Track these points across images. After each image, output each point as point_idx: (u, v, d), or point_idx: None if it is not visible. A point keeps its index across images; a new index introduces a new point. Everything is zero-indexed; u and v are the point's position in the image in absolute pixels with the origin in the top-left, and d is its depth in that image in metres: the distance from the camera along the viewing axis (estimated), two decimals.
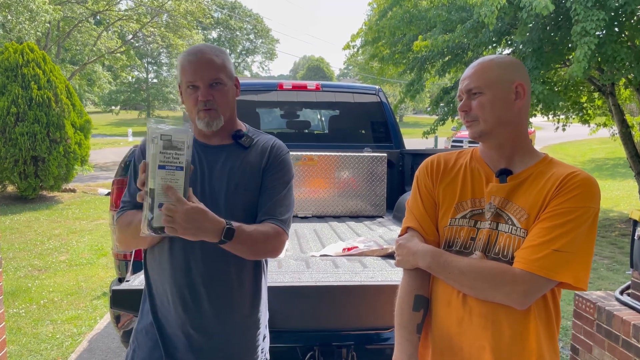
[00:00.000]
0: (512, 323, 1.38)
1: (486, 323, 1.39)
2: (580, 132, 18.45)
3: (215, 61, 1.67)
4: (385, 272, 2.46)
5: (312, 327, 2.38)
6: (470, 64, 1.50)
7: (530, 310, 1.37)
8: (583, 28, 5.79)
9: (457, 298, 1.43)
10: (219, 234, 1.50)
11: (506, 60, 1.48)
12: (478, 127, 1.44)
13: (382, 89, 5.06)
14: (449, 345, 1.46)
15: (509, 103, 1.43)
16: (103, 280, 5.65)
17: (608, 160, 18.94)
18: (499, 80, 1.43)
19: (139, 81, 38.01)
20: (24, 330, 4.28)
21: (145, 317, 1.77)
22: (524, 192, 1.42)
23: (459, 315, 1.43)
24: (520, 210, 1.40)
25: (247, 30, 52.14)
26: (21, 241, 7.30)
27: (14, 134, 9.40)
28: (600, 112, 10.15)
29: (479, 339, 1.40)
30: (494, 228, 1.43)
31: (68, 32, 20.17)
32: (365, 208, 4.17)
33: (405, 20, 8.92)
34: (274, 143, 1.81)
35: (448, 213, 1.52)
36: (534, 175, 1.43)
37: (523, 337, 1.38)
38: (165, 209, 1.38)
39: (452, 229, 1.50)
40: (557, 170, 1.41)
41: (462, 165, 1.55)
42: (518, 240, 1.38)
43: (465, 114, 1.46)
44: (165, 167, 1.37)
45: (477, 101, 1.43)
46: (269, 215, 1.71)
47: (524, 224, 1.38)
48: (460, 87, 1.48)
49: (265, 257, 1.79)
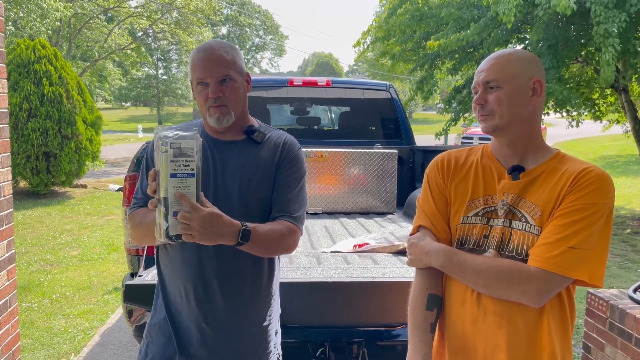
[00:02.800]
0: (527, 321, 1.37)
1: (501, 322, 1.38)
2: (591, 129, 18.29)
3: (225, 57, 1.67)
4: (397, 269, 2.46)
5: (323, 323, 2.38)
6: (488, 57, 1.48)
7: (544, 308, 1.36)
8: (606, 30, 5.71)
9: (471, 297, 1.42)
10: (235, 236, 1.50)
11: (525, 55, 1.46)
12: (493, 121, 1.42)
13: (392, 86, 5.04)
14: (462, 345, 1.45)
15: (526, 99, 1.41)
16: (114, 275, 5.69)
17: (620, 157, 18.75)
18: (518, 75, 1.41)
19: (149, 77, 38.14)
20: (37, 324, 4.32)
21: (159, 312, 1.79)
22: (537, 189, 1.40)
23: (473, 315, 1.42)
24: (533, 207, 1.39)
25: (256, 27, 52.15)
26: (33, 236, 7.37)
27: (26, 130, 9.48)
28: (613, 108, 10.04)
29: (494, 338, 1.39)
30: (507, 226, 1.42)
31: (79, 29, 20.28)
32: (376, 205, 4.16)
33: (415, 18, 8.86)
34: (286, 139, 1.81)
35: (460, 211, 1.50)
36: (547, 171, 1.42)
37: (538, 335, 1.37)
38: (181, 217, 1.38)
39: (465, 226, 1.48)
40: (570, 166, 1.39)
41: (474, 162, 1.53)
42: (532, 238, 1.37)
43: (481, 107, 1.44)
44: (177, 175, 1.37)
45: (495, 95, 1.41)
46: (283, 212, 1.71)
47: (538, 221, 1.37)
48: (477, 79, 1.46)
49: (280, 254, 1.80)
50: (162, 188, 1.37)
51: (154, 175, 1.42)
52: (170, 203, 1.37)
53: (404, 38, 9.56)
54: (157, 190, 1.39)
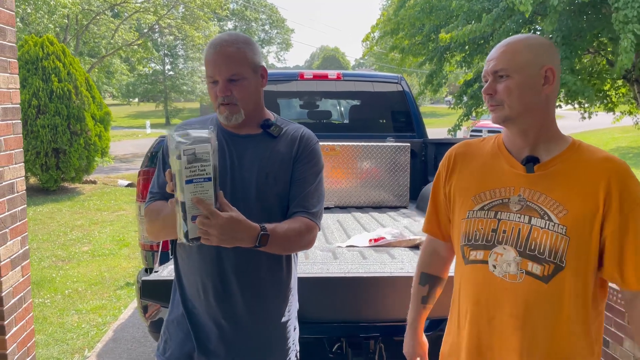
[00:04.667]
0: (547, 324, 1.33)
1: (517, 323, 1.34)
2: (602, 121, 18.12)
3: (236, 55, 1.62)
4: (415, 263, 2.41)
5: (339, 318, 2.36)
6: (498, 44, 1.42)
7: (567, 314, 1.32)
8: (625, 15, 5.62)
9: (487, 296, 1.38)
10: (254, 240, 1.49)
11: (536, 41, 1.39)
12: (502, 112, 1.38)
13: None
14: (477, 344, 1.41)
15: (537, 88, 1.35)
16: (126, 271, 5.70)
17: (631, 148, 18.56)
18: (528, 63, 1.35)
19: (156, 73, 38.19)
20: (50, 320, 4.33)
21: (177, 308, 1.77)
22: (559, 185, 1.34)
23: (489, 314, 1.38)
24: (557, 205, 1.33)
25: (262, 21, 52.03)
26: (44, 232, 7.40)
27: (36, 127, 9.50)
28: (625, 99, 9.93)
29: (510, 340, 1.35)
30: (525, 222, 1.35)
31: (86, 25, 20.28)
32: (388, 198, 4.12)
33: (425, 10, 8.79)
34: (303, 132, 1.78)
35: (465, 205, 1.46)
36: (567, 165, 1.36)
37: (556, 339, 1.33)
38: (200, 223, 1.36)
39: (471, 221, 1.43)
40: (590, 160, 1.35)
41: (484, 154, 1.49)
42: (556, 237, 1.31)
43: (490, 97, 1.39)
44: (193, 181, 1.34)
45: (504, 85, 1.36)
46: (301, 208, 1.68)
47: (563, 219, 1.31)
48: (486, 68, 1.41)
49: (299, 251, 1.79)
50: (179, 192, 1.35)
51: (170, 176, 1.39)
52: (188, 208, 1.35)
53: (413, 31, 9.49)
54: (175, 192, 1.37)
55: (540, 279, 1.32)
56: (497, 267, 1.37)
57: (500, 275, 1.36)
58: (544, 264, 1.32)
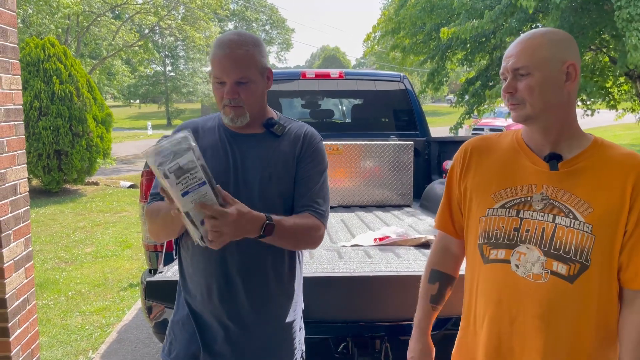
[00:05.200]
0: (571, 325, 1.30)
1: (541, 324, 1.31)
2: (603, 119, 18.08)
3: (244, 58, 1.60)
4: (421, 262, 2.41)
5: (345, 318, 2.35)
6: (517, 39, 1.37)
7: (592, 314, 1.29)
8: (629, 13, 5.59)
9: (509, 296, 1.35)
10: (259, 229, 1.48)
11: (558, 36, 1.35)
12: (524, 110, 1.33)
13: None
14: (497, 345, 1.38)
15: (559, 85, 1.31)
16: (129, 272, 5.69)
17: (633, 146, 18.52)
18: (550, 60, 1.30)
19: (157, 74, 38.19)
20: (54, 322, 4.33)
21: (182, 309, 1.75)
22: (585, 183, 1.31)
23: (512, 315, 1.35)
24: (582, 203, 1.30)
25: (262, 21, 52.05)
26: (47, 234, 7.39)
27: (37, 129, 9.50)
28: (627, 97, 9.90)
29: (532, 341, 1.32)
30: (550, 221, 1.32)
31: (87, 27, 20.30)
32: (392, 197, 4.11)
33: (426, 9, 8.76)
34: (306, 131, 1.76)
35: (484, 203, 1.42)
36: (591, 162, 1.33)
37: (580, 343, 1.30)
38: (212, 226, 1.35)
39: (491, 219, 1.39)
40: (614, 156, 1.32)
41: (503, 150, 1.45)
42: (582, 236, 1.28)
43: (510, 96, 1.34)
44: (189, 192, 1.31)
45: (525, 83, 1.31)
46: (307, 206, 1.67)
47: (589, 218, 1.28)
48: (505, 65, 1.35)
49: (305, 248, 1.77)
50: (179, 205, 1.33)
51: (164, 192, 1.36)
52: (194, 215, 1.34)
53: (415, 30, 9.48)
54: (176, 206, 1.35)
55: (565, 279, 1.29)
56: (520, 267, 1.33)
57: (524, 275, 1.32)
58: (569, 263, 1.29)
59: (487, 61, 9.06)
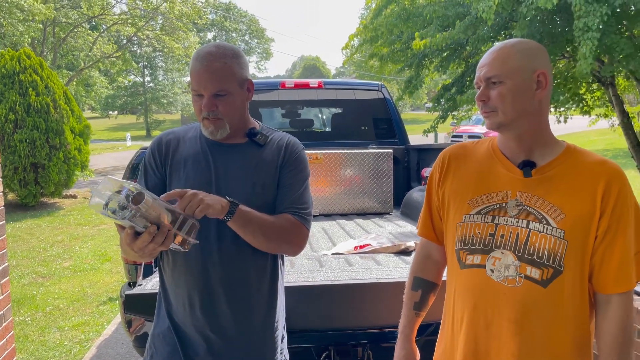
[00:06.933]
0: (545, 328, 1.32)
1: (515, 328, 1.33)
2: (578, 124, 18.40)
3: (221, 70, 1.59)
4: (401, 269, 2.43)
5: (326, 326, 2.35)
6: (490, 49, 1.42)
7: (568, 316, 1.32)
8: (585, 24, 5.72)
9: (484, 301, 1.37)
10: (225, 207, 1.49)
11: (528, 46, 1.39)
12: (497, 118, 1.37)
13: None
14: (474, 349, 1.40)
15: (530, 93, 1.35)
16: (108, 286, 5.61)
17: (607, 151, 18.92)
18: (520, 69, 1.34)
19: (136, 85, 37.88)
20: (31, 338, 4.24)
21: (162, 321, 1.74)
22: (557, 189, 1.35)
23: (487, 319, 1.37)
24: (555, 209, 1.33)
25: (242, 32, 52.08)
26: (24, 249, 7.25)
27: (13, 141, 9.34)
28: (600, 103, 10.11)
29: (507, 345, 1.34)
30: (524, 226, 1.35)
31: (63, 38, 20.08)
32: (372, 205, 4.14)
33: (402, 17, 8.85)
34: (289, 140, 1.78)
35: (461, 209, 1.45)
36: (564, 169, 1.37)
37: (554, 343, 1.33)
38: (190, 209, 1.41)
39: (467, 225, 1.42)
40: (586, 163, 1.36)
41: (480, 157, 1.48)
42: (554, 241, 1.31)
43: (483, 104, 1.38)
44: (137, 216, 1.31)
45: (497, 91, 1.35)
46: (288, 208, 1.67)
47: (561, 223, 1.32)
48: (478, 74, 1.40)
49: (286, 249, 1.71)
50: (143, 227, 1.35)
51: (125, 228, 1.38)
52: (161, 224, 1.36)
53: (392, 39, 9.56)
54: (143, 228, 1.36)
55: (539, 283, 1.31)
56: (495, 272, 1.36)
57: (499, 280, 1.35)
58: (542, 268, 1.31)
59: (462, 68, 9.19)
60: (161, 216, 1.35)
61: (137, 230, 1.36)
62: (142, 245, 1.36)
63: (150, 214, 1.33)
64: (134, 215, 1.30)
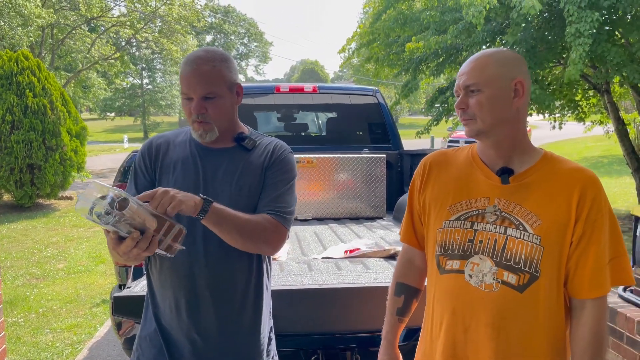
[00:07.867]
0: (521, 333, 1.34)
1: (492, 333, 1.35)
2: (575, 131, 18.48)
3: (210, 73, 1.62)
4: (389, 273, 2.44)
5: (315, 330, 2.36)
6: (468, 59, 1.45)
7: (542, 321, 1.35)
8: (577, 29, 5.77)
9: (462, 306, 1.39)
10: (197, 203, 1.48)
11: (505, 55, 1.42)
12: (475, 125, 1.40)
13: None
14: (452, 353, 1.42)
15: (508, 101, 1.38)
16: (102, 288, 5.61)
17: (603, 158, 18.98)
18: (498, 77, 1.37)
19: (134, 87, 37.89)
20: (24, 340, 4.24)
21: (149, 323, 1.75)
22: (534, 196, 1.37)
23: (465, 323, 1.39)
24: (532, 215, 1.36)
25: (240, 35, 52.17)
26: (18, 250, 7.25)
27: (10, 142, 9.35)
28: (596, 109, 10.15)
29: (485, 349, 1.36)
30: (501, 232, 1.37)
31: (62, 40, 20.09)
32: (365, 210, 4.15)
33: (399, 21, 8.90)
34: (276, 143, 1.80)
35: (441, 215, 1.47)
36: (540, 176, 1.39)
37: (530, 348, 1.35)
38: (161, 206, 1.41)
39: (447, 231, 1.45)
40: (562, 170, 1.38)
41: (460, 164, 1.51)
42: (531, 247, 1.34)
43: (462, 112, 1.41)
44: (121, 222, 1.33)
45: (475, 99, 1.38)
46: (267, 207, 1.67)
47: (537, 229, 1.34)
48: (458, 83, 1.43)
49: (262, 248, 1.69)
50: (133, 229, 1.36)
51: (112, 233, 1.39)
52: (146, 229, 1.38)
53: (389, 42, 9.61)
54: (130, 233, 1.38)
55: (515, 289, 1.34)
56: (473, 277, 1.38)
57: (477, 285, 1.37)
58: (519, 273, 1.34)
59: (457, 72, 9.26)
60: (146, 222, 1.37)
61: (120, 235, 1.37)
62: (125, 250, 1.37)
63: (134, 219, 1.34)
64: (117, 220, 1.31)
